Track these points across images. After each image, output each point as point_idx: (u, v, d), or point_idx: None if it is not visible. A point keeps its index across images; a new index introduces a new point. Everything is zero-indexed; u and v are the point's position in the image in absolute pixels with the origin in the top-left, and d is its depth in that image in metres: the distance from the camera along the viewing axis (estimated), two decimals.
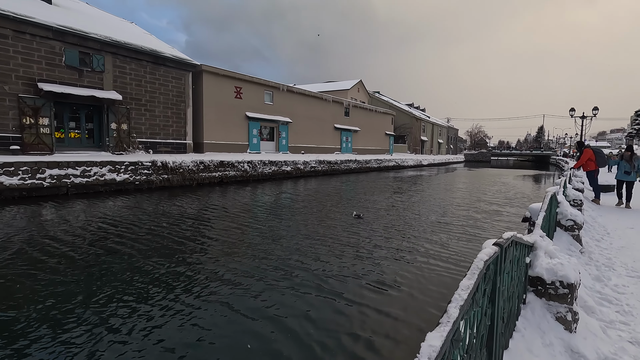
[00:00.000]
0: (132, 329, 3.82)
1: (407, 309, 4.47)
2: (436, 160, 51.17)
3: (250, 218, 9.80)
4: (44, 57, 15.65)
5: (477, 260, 1.42)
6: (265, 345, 3.59)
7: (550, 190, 4.79)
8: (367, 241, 7.49)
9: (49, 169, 12.49)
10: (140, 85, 19.27)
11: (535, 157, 75.21)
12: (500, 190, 18.10)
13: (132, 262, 5.88)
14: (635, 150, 10.00)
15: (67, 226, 8.26)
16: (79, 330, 3.77)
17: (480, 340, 1.54)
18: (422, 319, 4.23)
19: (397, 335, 3.87)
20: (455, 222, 9.63)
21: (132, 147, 18.68)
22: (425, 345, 1.00)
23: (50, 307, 4.25)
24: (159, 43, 22.07)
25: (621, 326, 3.16)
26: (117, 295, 4.63)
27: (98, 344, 3.54)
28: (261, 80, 27.40)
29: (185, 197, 13.24)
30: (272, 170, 21.43)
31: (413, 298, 4.79)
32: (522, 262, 2.53)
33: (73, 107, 17.14)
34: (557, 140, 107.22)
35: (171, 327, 3.87)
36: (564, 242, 4.97)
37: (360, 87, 49.90)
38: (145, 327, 3.89)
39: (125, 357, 3.36)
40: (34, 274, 5.29)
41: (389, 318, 4.24)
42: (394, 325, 4.09)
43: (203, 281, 5.16)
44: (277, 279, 5.26)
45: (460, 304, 1.18)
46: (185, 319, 4.07)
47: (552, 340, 2.44)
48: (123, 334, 3.72)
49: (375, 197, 14.35)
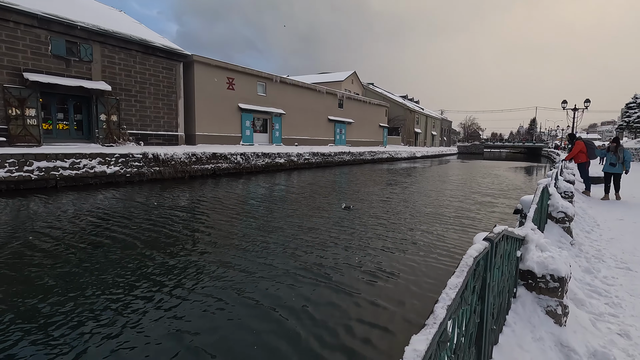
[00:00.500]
0: (123, 322, 3.77)
1: (403, 298, 4.49)
2: (429, 152, 51.30)
3: (244, 211, 9.72)
4: (29, 46, 15.22)
5: (466, 257, 1.37)
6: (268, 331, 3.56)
7: (542, 183, 4.77)
8: (363, 233, 7.50)
9: (36, 161, 12.23)
10: (129, 75, 18.88)
11: (527, 150, 75.78)
12: (494, 182, 18.20)
13: (122, 255, 5.78)
14: (623, 143, 10.08)
15: (55, 219, 8.10)
16: (66, 324, 3.70)
17: (469, 338, 1.50)
18: (415, 309, 4.22)
19: (391, 325, 3.87)
20: (451, 214, 9.65)
21: (122, 139, 18.37)
22: (409, 349, 0.94)
23: (39, 301, 4.16)
24: (149, 32, 21.59)
25: (610, 318, 3.16)
26: (108, 289, 4.54)
27: (86, 340, 3.47)
28: (254, 71, 27.05)
29: (177, 190, 13.08)
30: (265, 163, 21.27)
31: (408, 288, 4.79)
32: (513, 256, 2.50)
33: (61, 97, 16.75)
34: (549, 132, 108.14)
35: (164, 318, 3.81)
36: (554, 234, 4.98)
37: (354, 78, 49.60)
38: (136, 320, 3.84)
39: (119, 351, 3.30)
40: (20, 268, 5.17)
41: (384, 307, 4.25)
42: (387, 314, 4.11)
43: (201, 273, 5.11)
44: (272, 270, 5.24)
45: (448, 304, 1.12)
46: (178, 310, 4.02)
47: (542, 335, 2.42)
48: (116, 327, 3.68)
49: (369, 189, 14.32)
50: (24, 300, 4.23)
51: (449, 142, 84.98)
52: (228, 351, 3.37)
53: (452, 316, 1.21)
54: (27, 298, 4.29)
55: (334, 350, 3.42)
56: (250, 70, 26.71)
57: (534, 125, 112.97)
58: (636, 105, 40.30)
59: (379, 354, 3.40)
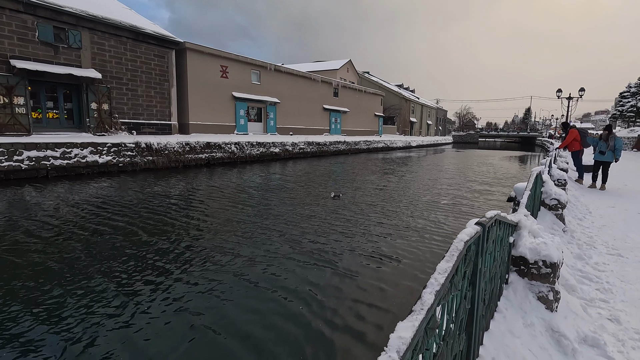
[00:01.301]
0: (132, 305, 3.81)
1: (402, 281, 4.64)
2: (425, 141, 51.29)
3: (242, 200, 9.71)
4: (15, 31, 14.80)
5: (456, 241, 1.32)
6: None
7: (536, 170, 4.76)
8: (362, 220, 7.57)
9: (26, 151, 12.02)
10: (120, 63, 18.49)
11: (521, 139, 76.03)
12: (489, 171, 18.28)
13: (125, 242, 5.80)
14: (616, 132, 10.04)
15: (53, 208, 8.05)
16: (77, 307, 3.73)
17: (459, 325, 1.47)
18: (412, 291, 4.27)
19: (387, 304, 3.99)
20: (448, 202, 9.72)
21: (114, 128, 18.09)
22: (394, 337, 0.90)
23: (50, 286, 4.13)
24: (139, 19, 21.08)
25: (601, 304, 3.18)
26: (114, 274, 4.58)
27: (96, 322, 3.51)
28: (248, 59, 26.63)
29: (172, 179, 12.96)
30: (260, 152, 21.13)
31: (405, 272, 4.88)
32: (506, 242, 2.48)
33: (50, 85, 16.39)
34: (544, 122, 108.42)
35: (164, 303, 3.79)
36: (547, 221, 4.99)
37: (350, 67, 49.10)
38: (147, 300, 4.00)
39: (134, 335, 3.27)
40: (25, 254, 5.16)
41: (383, 289, 4.38)
42: (386, 295, 4.23)
43: (205, 258, 5.19)
44: (274, 255, 5.31)
45: (437, 289, 1.08)
46: (187, 291, 4.07)
47: (533, 321, 2.42)
48: (126, 309, 3.71)
49: (366, 178, 14.29)
50: (35, 284, 4.30)
51: (444, 132, 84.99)
52: (234, 330, 3.49)
53: (441, 302, 1.17)
54: (36, 283, 4.33)
55: (334, 328, 3.56)
56: (244, 58, 26.29)
57: (529, 115, 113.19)
58: (630, 94, 40.44)
59: (377, 332, 3.49)
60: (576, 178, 10.72)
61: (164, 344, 3.22)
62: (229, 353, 3.13)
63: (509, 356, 2.00)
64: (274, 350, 3.16)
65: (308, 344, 3.27)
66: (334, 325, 3.61)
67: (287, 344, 3.26)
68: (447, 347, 1.27)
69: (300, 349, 3.21)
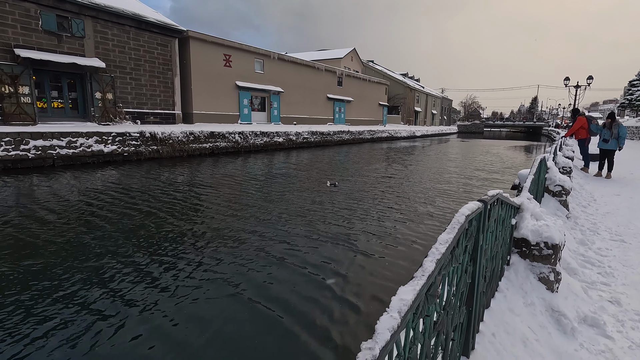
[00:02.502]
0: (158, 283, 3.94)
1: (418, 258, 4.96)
2: (429, 131, 50.95)
3: (252, 187, 9.93)
4: (18, 20, 14.78)
5: (458, 215, 1.35)
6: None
7: (540, 156, 4.75)
8: (372, 206, 7.87)
9: (33, 140, 12.12)
10: (124, 52, 18.45)
11: (527, 129, 75.27)
12: (494, 161, 18.26)
13: (148, 225, 6.12)
14: (624, 121, 9.86)
15: (69, 194, 8.33)
16: (104, 282, 3.89)
17: (459, 297, 1.51)
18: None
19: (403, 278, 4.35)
20: (457, 189, 10.02)
21: (118, 118, 18.16)
22: (395, 299, 0.94)
23: (79, 263, 4.23)
24: (142, 7, 20.93)
25: (602, 287, 3.21)
26: (139, 255, 4.74)
27: (125, 301, 3.65)
28: (251, 48, 26.44)
29: (176, 168, 13.05)
30: (263, 142, 21.13)
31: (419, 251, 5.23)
32: (508, 223, 2.50)
33: (54, 75, 16.42)
34: (551, 111, 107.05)
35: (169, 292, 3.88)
36: (551, 207, 4.99)
37: (354, 55, 48.59)
38: (173, 275, 4.32)
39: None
40: (56, 236, 5.41)
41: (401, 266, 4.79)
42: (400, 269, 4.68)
43: (227, 238, 5.45)
44: (292, 236, 5.61)
45: (437, 258, 1.12)
46: (217, 268, 4.29)
47: (534, 300, 2.46)
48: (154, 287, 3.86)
49: (374, 166, 14.31)
50: (64, 266, 4.55)
51: (449, 121, 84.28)
52: (272, 301, 3.80)
53: (441, 272, 1.21)
54: (64, 266, 4.54)
55: (353, 293, 4.02)
56: (247, 46, 26.10)
57: (535, 104, 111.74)
58: None
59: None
60: (582, 166, 10.65)
61: (210, 308, 3.62)
62: (266, 315, 3.54)
63: (509, 332, 2.04)
64: (306, 309, 3.64)
65: (331, 312, 3.64)
66: (352, 291, 4.02)
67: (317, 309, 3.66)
68: (447, 316, 1.32)
69: (329, 312, 3.60)
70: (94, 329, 3.23)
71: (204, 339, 3.10)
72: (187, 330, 3.23)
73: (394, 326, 0.83)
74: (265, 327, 3.29)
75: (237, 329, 3.25)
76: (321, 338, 3.15)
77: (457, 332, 1.55)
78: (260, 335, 3.18)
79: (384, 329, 0.81)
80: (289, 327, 3.29)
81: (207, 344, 3.04)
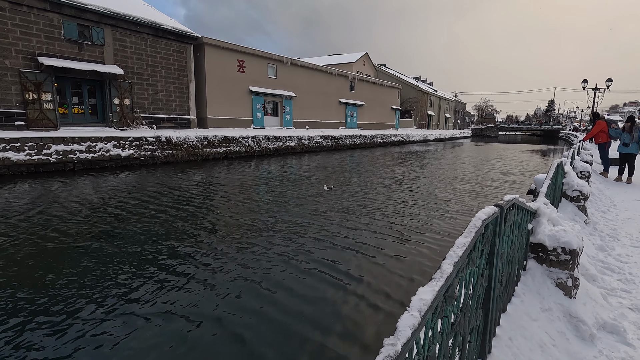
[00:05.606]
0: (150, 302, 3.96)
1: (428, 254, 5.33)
2: (443, 135, 50.48)
3: (272, 189, 10.28)
4: (42, 30, 15.36)
5: (474, 219, 1.38)
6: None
7: (557, 161, 4.68)
8: (391, 208, 8.11)
9: (54, 145, 12.54)
10: (141, 59, 18.94)
11: (544, 132, 73.79)
12: (511, 164, 18.08)
13: (178, 226, 6.50)
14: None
15: (81, 200, 8.55)
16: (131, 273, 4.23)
17: (476, 300, 1.53)
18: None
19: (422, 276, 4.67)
20: (479, 190, 10.35)
21: (135, 123, 18.60)
22: (416, 299, 0.98)
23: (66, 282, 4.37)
24: (159, 15, 21.48)
25: (622, 293, 3.15)
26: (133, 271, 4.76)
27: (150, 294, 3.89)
28: (264, 53, 26.77)
29: (192, 172, 13.30)
30: (276, 146, 21.32)
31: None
32: (524, 228, 2.50)
33: (75, 82, 16.97)
34: (568, 114, 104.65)
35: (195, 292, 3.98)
36: (568, 213, 4.91)
37: (366, 59, 48.62)
38: (200, 270, 4.67)
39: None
40: (44, 252, 5.43)
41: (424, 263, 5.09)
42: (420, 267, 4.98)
43: (254, 235, 5.61)
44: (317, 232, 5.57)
45: (455, 261, 1.15)
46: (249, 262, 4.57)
47: (551, 306, 2.44)
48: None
49: (387, 169, 14.29)
50: (91, 261, 4.88)
51: (463, 125, 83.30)
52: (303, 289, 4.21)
53: (459, 274, 1.24)
54: (92, 261, 4.87)
55: (368, 286, 4.35)
56: (260, 52, 26.44)
57: (552, 107, 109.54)
58: None
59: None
60: (601, 171, 10.41)
61: (237, 298, 3.99)
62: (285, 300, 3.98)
63: (526, 337, 2.04)
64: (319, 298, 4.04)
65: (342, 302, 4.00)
66: (367, 285, 4.34)
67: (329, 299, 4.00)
68: (464, 318, 1.34)
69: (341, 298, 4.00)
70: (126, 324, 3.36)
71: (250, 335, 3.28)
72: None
73: (414, 324, 0.86)
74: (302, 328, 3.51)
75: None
76: (348, 331, 3.43)
77: (473, 334, 1.57)
78: (297, 330, 3.43)
79: (405, 326, 0.85)
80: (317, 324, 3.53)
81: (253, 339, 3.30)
